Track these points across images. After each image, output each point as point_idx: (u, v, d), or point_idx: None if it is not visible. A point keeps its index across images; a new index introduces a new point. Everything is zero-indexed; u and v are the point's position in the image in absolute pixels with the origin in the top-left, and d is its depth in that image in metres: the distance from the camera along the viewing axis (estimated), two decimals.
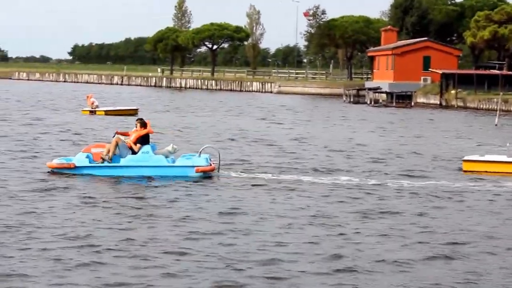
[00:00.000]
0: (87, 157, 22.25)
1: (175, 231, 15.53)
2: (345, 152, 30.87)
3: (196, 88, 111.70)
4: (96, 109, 50.31)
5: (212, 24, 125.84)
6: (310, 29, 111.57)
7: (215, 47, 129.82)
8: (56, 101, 67.02)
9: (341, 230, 15.95)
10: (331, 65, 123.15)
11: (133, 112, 51.56)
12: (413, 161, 28.37)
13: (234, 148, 31.34)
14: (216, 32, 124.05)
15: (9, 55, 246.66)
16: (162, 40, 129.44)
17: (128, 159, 22.22)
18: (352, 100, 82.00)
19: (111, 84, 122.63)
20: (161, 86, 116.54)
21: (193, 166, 22.32)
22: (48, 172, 22.50)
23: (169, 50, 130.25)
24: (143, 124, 22.72)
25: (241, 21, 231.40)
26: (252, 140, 35.24)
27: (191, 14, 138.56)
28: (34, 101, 64.98)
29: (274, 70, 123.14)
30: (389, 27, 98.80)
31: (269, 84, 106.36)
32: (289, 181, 22.33)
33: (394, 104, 76.02)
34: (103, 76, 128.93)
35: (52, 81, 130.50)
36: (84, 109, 51.17)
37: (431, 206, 18.93)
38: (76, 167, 22.07)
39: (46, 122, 42.53)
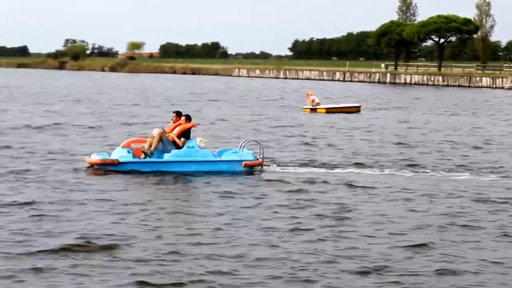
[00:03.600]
0: (128, 152, 21.26)
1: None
2: None
3: (421, 84, 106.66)
4: (317, 106, 48.00)
5: (438, 16, 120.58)
6: None
7: (441, 40, 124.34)
8: (278, 98, 65.18)
9: None
10: None
11: (355, 110, 48.87)
12: None
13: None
14: (443, 25, 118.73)
15: (229, 52, 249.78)
16: (385, 34, 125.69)
17: (173, 154, 21.22)
18: None
19: (333, 80, 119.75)
20: (384, 82, 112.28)
21: (241, 161, 21.44)
22: (88, 168, 21.30)
23: (393, 45, 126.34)
24: (188, 118, 21.84)
25: (470, 13, 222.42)
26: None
27: (416, 7, 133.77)
28: (258, 99, 63.47)
29: (505, 65, 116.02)
30: None
31: (500, 79, 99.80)
32: None
33: None
34: (324, 72, 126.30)
35: (272, 77, 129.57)
36: (305, 106, 49.17)
37: None
38: (119, 163, 20.90)
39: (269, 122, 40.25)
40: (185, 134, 21.58)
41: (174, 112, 22.61)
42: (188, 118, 21.81)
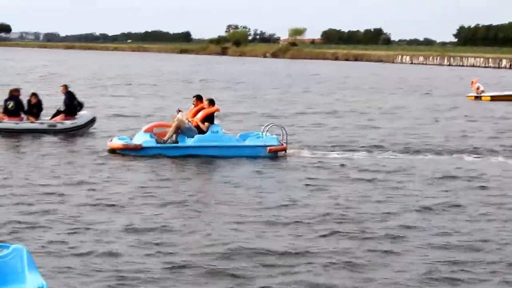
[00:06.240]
0: (151, 137, 21.09)
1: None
2: None
3: None
4: (482, 94, 47.63)
5: None
6: None
7: None
8: (442, 85, 64.71)
9: None
10: None
11: None
12: None
13: None
14: None
15: (392, 38, 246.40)
16: None
17: (197, 139, 20.98)
18: None
19: (499, 68, 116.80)
20: None
21: (265, 146, 21.22)
22: (109, 153, 21.02)
23: None
24: (211, 102, 21.43)
25: None
26: None
27: None
28: (423, 86, 63.44)
29: None
30: None
31: None
32: None
33: None
34: (490, 60, 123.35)
35: (435, 64, 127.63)
36: (469, 94, 48.86)
37: None
38: (142, 148, 20.75)
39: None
40: (209, 119, 21.30)
41: (194, 96, 22.35)
42: (212, 102, 21.38)
